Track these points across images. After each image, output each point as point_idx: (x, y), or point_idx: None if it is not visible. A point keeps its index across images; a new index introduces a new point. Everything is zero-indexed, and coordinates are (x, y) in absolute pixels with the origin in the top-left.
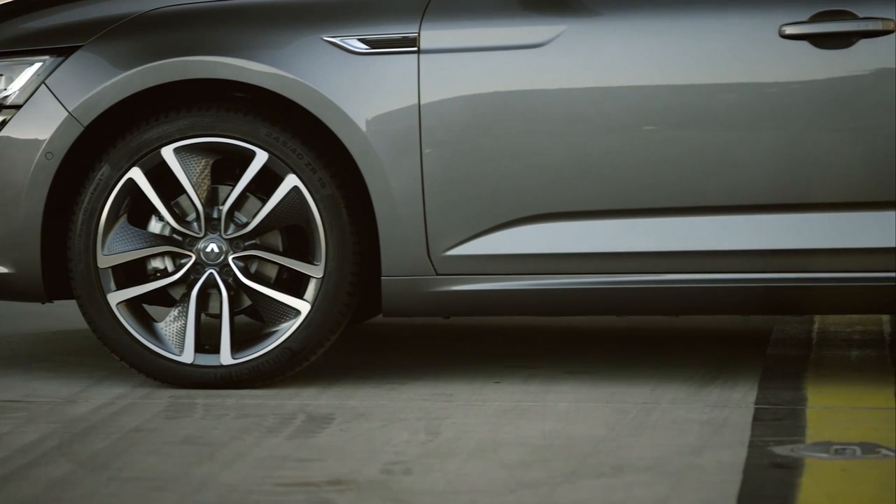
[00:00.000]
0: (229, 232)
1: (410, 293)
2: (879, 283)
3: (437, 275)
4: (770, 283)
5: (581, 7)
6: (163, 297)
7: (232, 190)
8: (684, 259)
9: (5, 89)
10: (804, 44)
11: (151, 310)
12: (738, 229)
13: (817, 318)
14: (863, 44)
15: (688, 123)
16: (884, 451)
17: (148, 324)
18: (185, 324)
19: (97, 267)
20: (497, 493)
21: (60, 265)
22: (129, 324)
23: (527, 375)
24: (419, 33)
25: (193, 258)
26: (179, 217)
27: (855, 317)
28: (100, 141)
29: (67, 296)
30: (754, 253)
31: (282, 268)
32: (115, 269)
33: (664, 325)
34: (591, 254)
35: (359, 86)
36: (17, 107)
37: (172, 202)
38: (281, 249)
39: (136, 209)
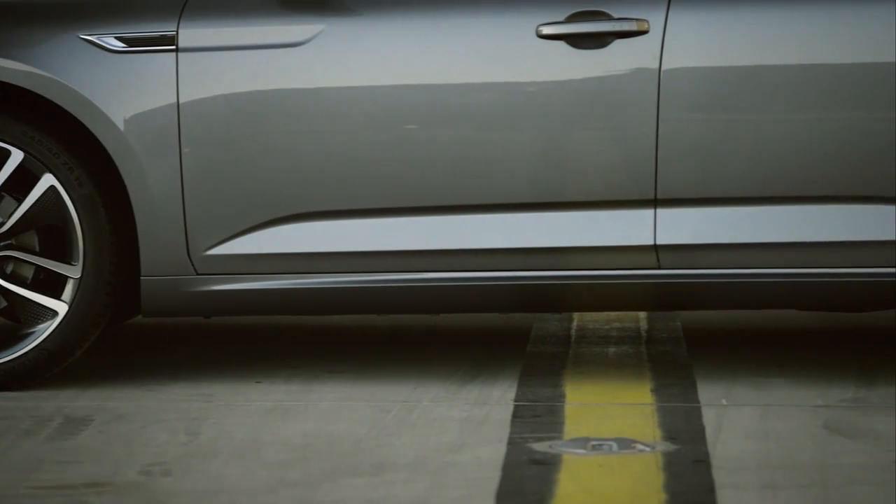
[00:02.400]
0: None
1: (170, 293)
2: (637, 280)
3: (198, 274)
4: (529, 282)
5: (340, 6)
6: None
7: None
8: (444, 258)
9: None
10: (561, 44)
11: None
12: (497, 228)
13: (576, 315)
14: (618, 44)
15: (446, 123)
16: (639, 446)
17: None
18: None
19: None
20: (257, 493)
21: None
22: None
23: (288, 375)
24: (177, 31)
25: None
26: None
27: (613, 314)
28: None
29: None
30: (513, 251)
31: (39, 268)
32: None
33: (425, 323)
34: (352, 252)
35: (117, 84)
36: None
37: None
38: (38, 249)
39: None
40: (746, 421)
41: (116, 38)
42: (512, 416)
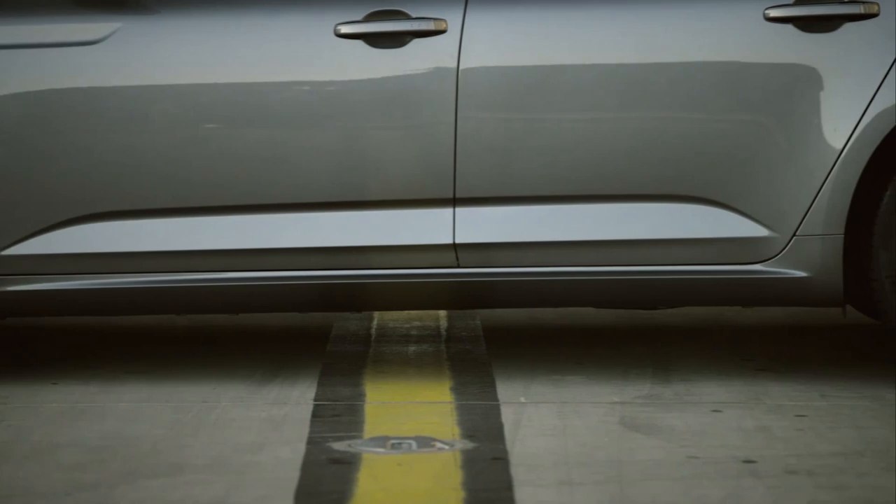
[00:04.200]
0: None
1: None
2: (436, 278)
3: None
4: (329, 281)
5: (137, 5)
6: None
7: None
8: (244, 257)
9: None
10: (359, 43)
11: None
12: (297, 227)
13: (376, 314)
14: (416, 43)
15: (246, 122)
16: (438, 445)
17: None
18: None
19: None
20: (53, 495)
21: None
22: None
23: (85, 376)
24: None
25: None
26: None
27: (413, 312)
28: None
29: None
30: (313, 251)
31: None
32: None
33: (225, 323)
34: (151, 252)
35: None
36: None
37: None
38: None
39: None
40: (544, 418)
41: None
42: (311, 416)
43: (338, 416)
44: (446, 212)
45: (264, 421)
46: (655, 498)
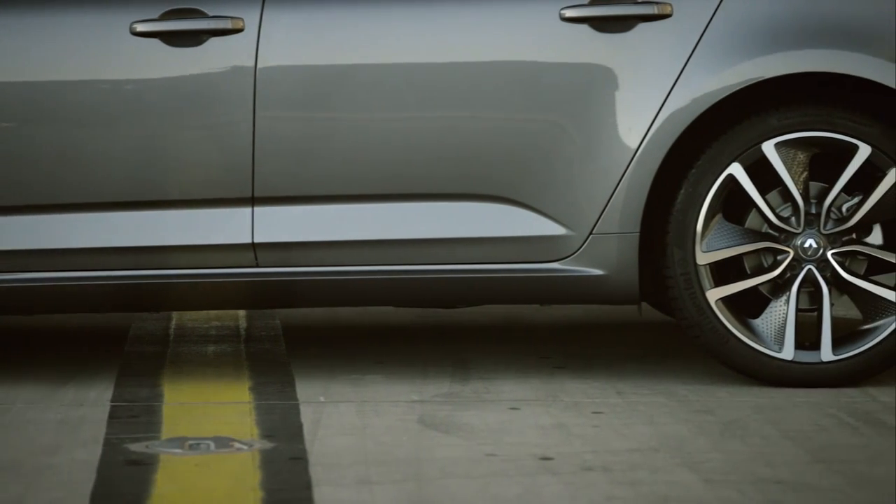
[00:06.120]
0: None
1: None
2: (235, 278)
3: None
4: (127, 281)
5: None
6: None
7: None
8: (40, 257)
9: None
10: (156, 41)
11: None
12: (95, 227)
13: (175, 314)
14: (213, 42)
15: (42, 121)
16: (237, 445)
17: None
18: None
19: None
20: None
21: None
22: None
23: None
24: None
25: None
26: None
27: (212, 312)
28: None
29: None
30: (110, 250)
31: None
32: None
33: (20, 324)
34: None
35: None
36: None
37: None
38: None
39: None
40: (344, 417)
41: None
42: (108, 417)
43: (135, 417)
44: (245, 211)
45: (60, 423)
46: (453, 496)
